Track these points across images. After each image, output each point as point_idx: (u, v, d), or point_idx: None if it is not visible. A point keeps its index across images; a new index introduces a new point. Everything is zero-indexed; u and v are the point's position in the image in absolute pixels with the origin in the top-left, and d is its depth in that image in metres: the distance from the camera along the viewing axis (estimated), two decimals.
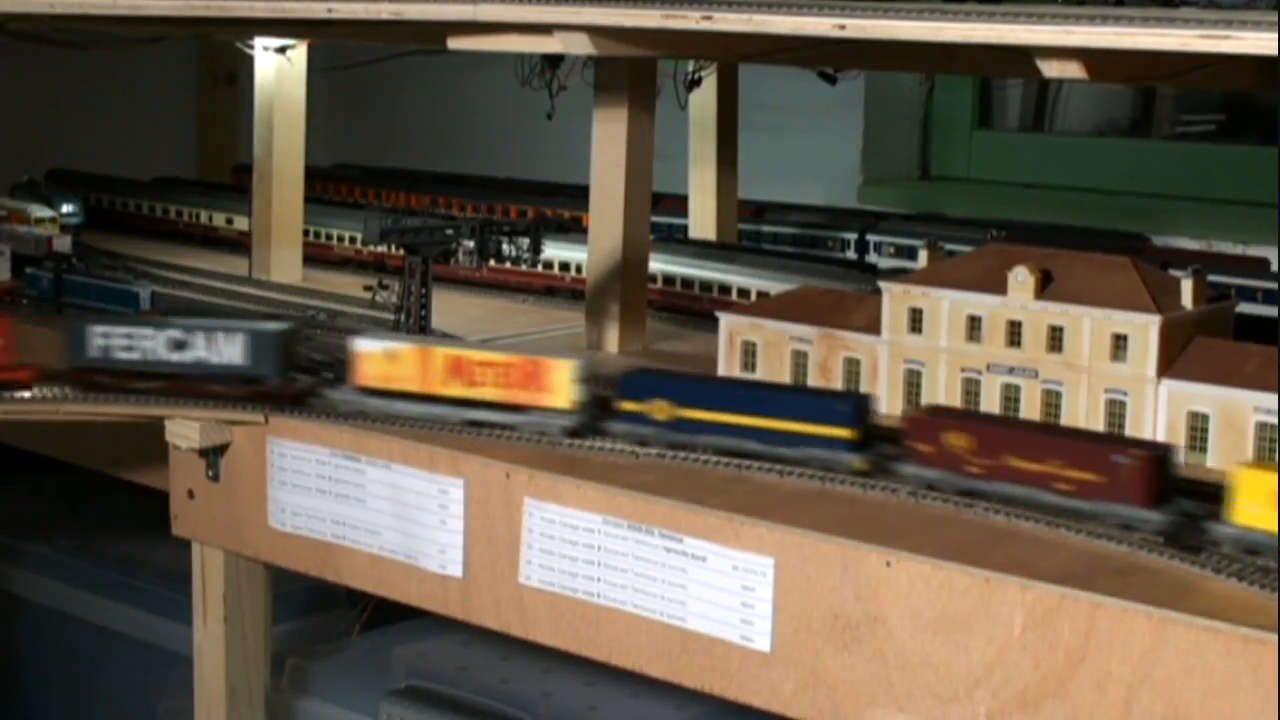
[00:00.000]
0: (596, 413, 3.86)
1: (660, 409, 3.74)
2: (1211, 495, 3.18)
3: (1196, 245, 6.54)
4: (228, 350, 4.03)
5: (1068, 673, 2.91)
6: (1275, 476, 3.01)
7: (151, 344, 4.05)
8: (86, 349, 4.07)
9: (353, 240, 6.08)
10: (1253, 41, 2.87)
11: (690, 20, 3.51)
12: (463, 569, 3.71)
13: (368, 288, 4.51)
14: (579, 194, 5.19)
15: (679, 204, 5.99)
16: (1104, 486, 3.24)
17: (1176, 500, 3.24)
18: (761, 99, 6.57)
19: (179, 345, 4.04)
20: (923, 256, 4.17)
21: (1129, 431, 3.73)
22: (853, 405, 3.65)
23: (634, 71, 4.76)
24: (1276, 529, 2.97)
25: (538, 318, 5.33)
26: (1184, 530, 3.15)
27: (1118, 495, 3.23)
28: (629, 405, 3.79)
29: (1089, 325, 3.78)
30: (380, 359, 3.95)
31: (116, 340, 4.06)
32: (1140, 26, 2.99)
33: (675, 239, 5.75)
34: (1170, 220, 6.88)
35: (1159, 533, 3.16)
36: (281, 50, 5.70)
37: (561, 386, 3.83)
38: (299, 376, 4.10)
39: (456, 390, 3.88)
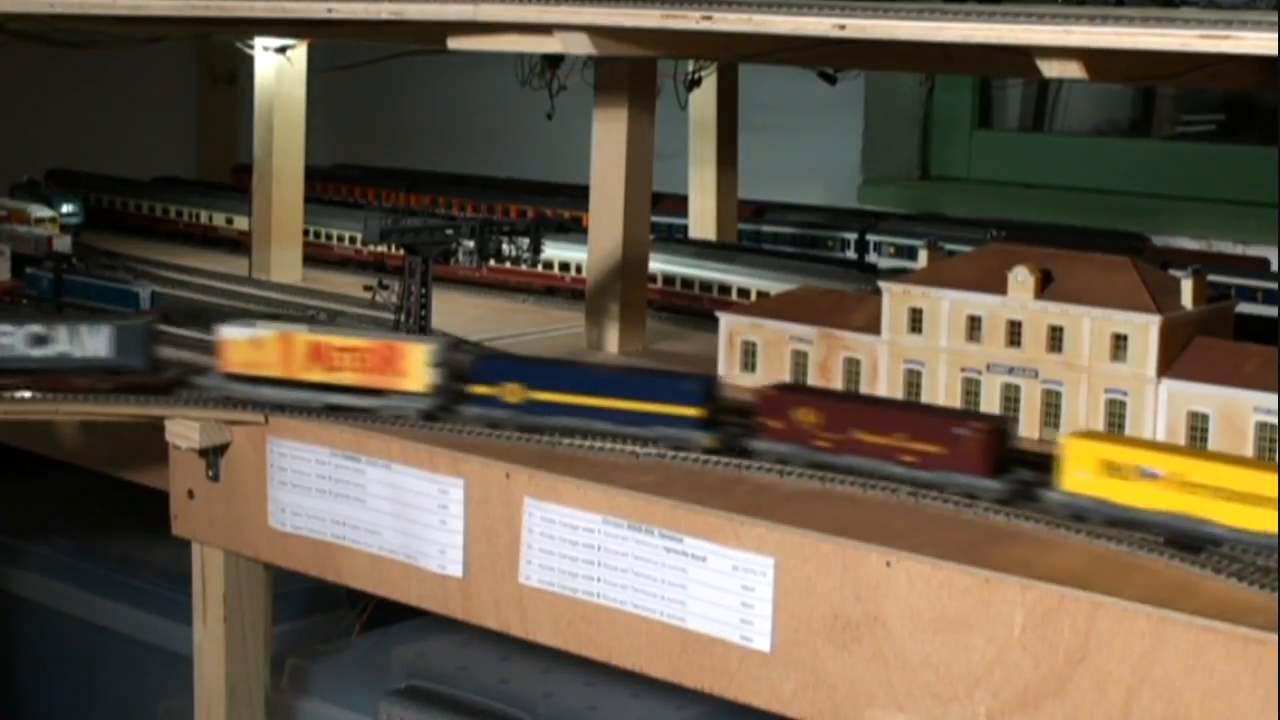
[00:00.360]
0: (452, 396, 3.93)
1: (512, 392, 3.84)
2: (1046, 465, 3.33)
3: (1196, 245, 6.54)
4: (91, 343, 4.06)
5: (1068, 673, 2.91)
6: (1100, 445, 3.23)
7: (10, 340, 4.07)
8: None
9: (353, 240, 6.08)
10: (1253, 41, 2.87)
11: (690, 20, 3.51)
12: (463, 569, 3.71)
13: (368, 288, 4.50)
14: (579, 194, 5.19)
15: (679, 204, 5.99)
16: (946, 457, 3.40)
17: (1015, 470, 3.39)
18: (761, 99, 6.57)
19: (40, 340, 4.06)
20: (923, 256, 4.17)
21: (1129, 433, 3.73)
22: (701, 385, 3.75)
23: (634, 71, 4.76)
24: (1103, 495, 3.18)
25: (538, 318, 5.33)
26: (1020, 497, 3.32)
27: (959, 465, 3.39)
28: (481, 389, 3.89)
29: (1089, 325, 3.78)
30: (245, 346, 4.04)
31: None
32: (1140, 26, 2.99)
33: (675, 239, 5.75)
34: (1170, 220, 6.89)
35: (997, 500, 3.31)
36: (281, 50, 5.70)
37: (417, 370, 3.92)
38: (166, 366, 4.16)
39: (317, 375, 3.98)
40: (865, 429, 3.52)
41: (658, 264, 5.15)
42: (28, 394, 4.04)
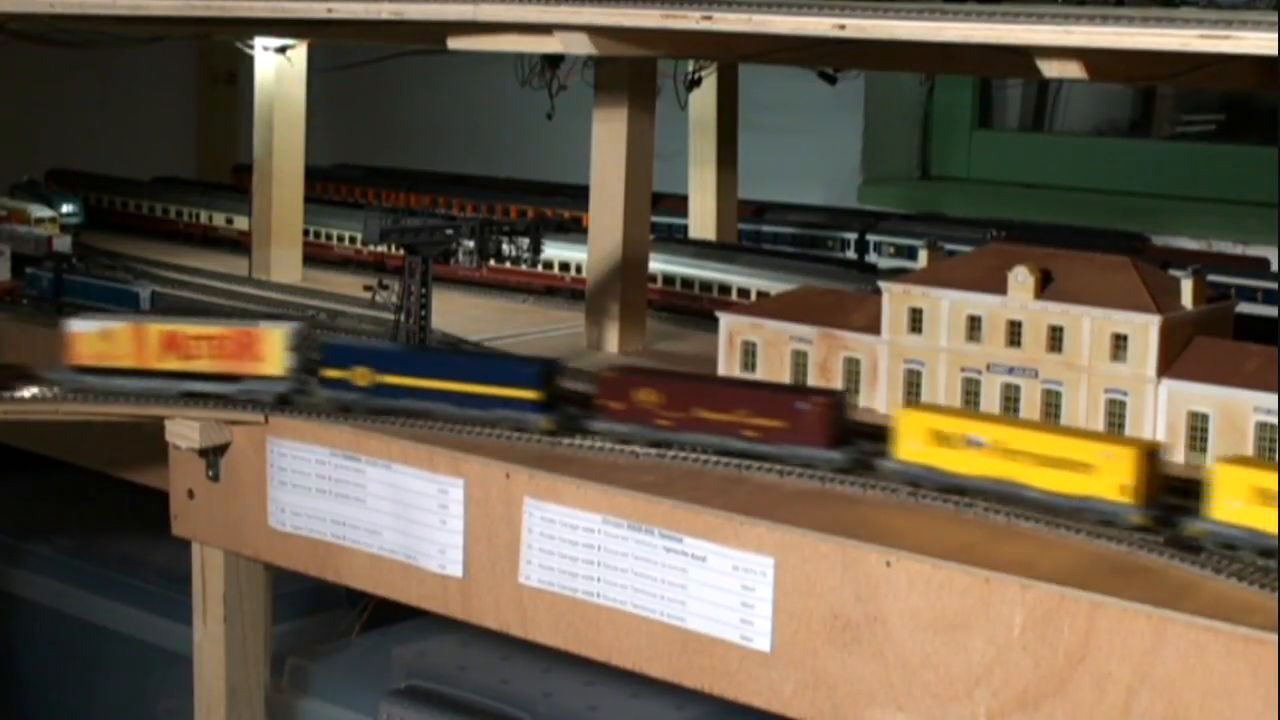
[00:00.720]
0: (306, 379, 4.03)
1: (361, 375, 3.96)
2: (883, 436, 3.52)
3: (1196, 245, 6.54)
4: None
5: (1068, 673, 2.92)
6: (930, 416, 3.45)
7: None
8: None
9: (353, 240, 6.08)
10: (1253, 41, 2.87)
11: (690, 20, 3.51)
12: (463, 569, 3.71)
13: (368, 288, 4.50)
14: (579, 194, 5.19)
15: (679, 204, 5.99)
16: (788, 431, 3.56)
17: (854, 442, 3.57)
18: (761, 99, 6.57)
19: None
20: (923, 256, 4.17)
21: (1129, 432, 3.73)
22: (539, 369, 3.89)
23: (634, 71, 4.76)
24: (933, 463, 3.39)
25: (538, 318, 5.33)
26: (858, 466, 3.51)
27: (801, 439, 3.55)
28: (332, 372, 4.00)
29: (1089, 325, 3.78)
30: (95, 338, 4.08)
31: None
32: (1140, 26, 2.99)
33: (675, 239, 5.75)
34: (1170, 220, 6.89)
35: (837, 470, 3.50)
36: (281, 50, 5.70)
37: (274, 355, 4.01)
38: (7, 365, 4.20)
39: (172, 364, 4.03)
40: (707, 407, 3.66)
41: (658, 264, 5.15)
42: (28, 394, 4.04)
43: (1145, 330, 3.71)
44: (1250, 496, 3.06)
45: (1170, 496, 3.28)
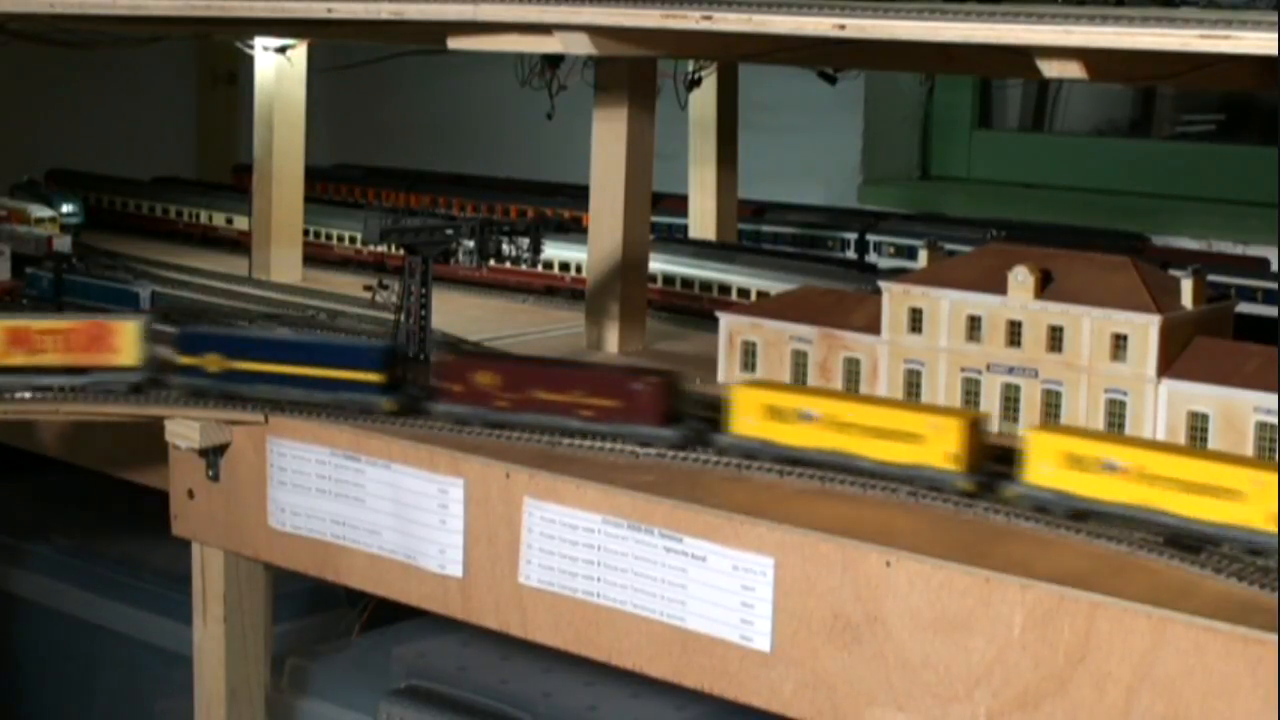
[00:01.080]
0: (159, 368, 4.08)
1: (212, 362, 4.04)
2: (717, 414, 3.68)
3: (1196, 245, 6.55)
4: None
5: (1068, 673, 2.92)
6: (764, 393, 3.62)
7: None
8: None
9: (353, 240, 6.08)
10: (1253, 41, 2.87)
11: (690, 20, 3.51)
12: (462, 569, 3.71)
13: (368, 288, 4.50)
14: (579, 194, 5.19)
15: (679, 204, 5.99)
16: (623, 411, 3.70)
17: (687, 420, 3.71)
18: (761, 99, 6.57)
19: None
20: (923, 256, 4.17)
21: (1129, 432, 3.73)
22: (382, 352, 4.02)
23: (634, 71, 4.75)
24: (768, 436, 3.55)
25: (538, 318, 5.33)
26: (693, 442, 3.65)
27: (635, 418, 3.69)
28: (185, 359, 4.08)
29: (1089, 325, 3.78)
30: None
31: None
32: (1140, 26, 2.99)
33: (675, 239, 5.75)
34: (1170, 220, 6.89)
35: (671, 445, 3.63)
36: (281, 50, 5.70)
37: (127, 346, 4.06)
38: None
39: (19, 359, 4.05)
40: (543, 388, 3.79)
41: (658, 264, 5.15)
42: (28, 394, 4.04)
43: (1145, 330, 3.71)
44: (1060, 461, 3.26)
45: (993, 464, 3.45)
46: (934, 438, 3.41)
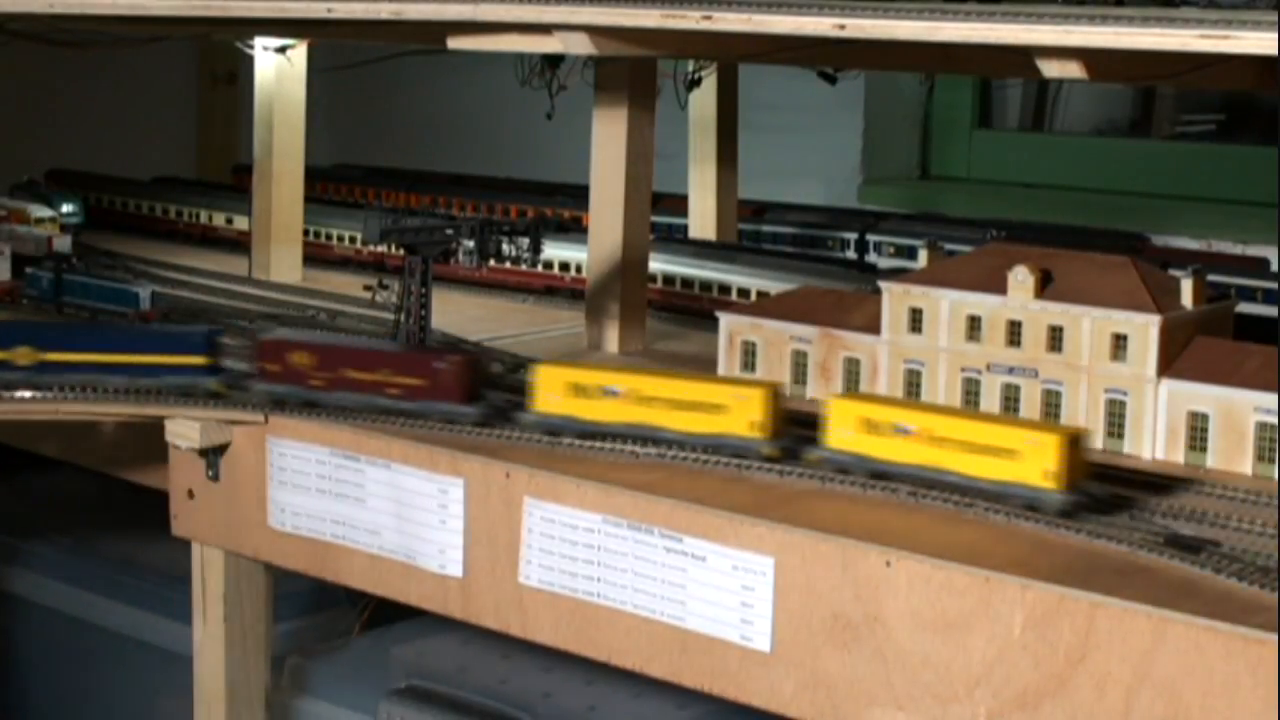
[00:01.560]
0: None
1: (23, 355, 4.07)
2: (519, 393, 3.91)
3: (1196, 245, 6.54)
4: None
5: (1068, 673, 2.91)
6: (565, 371, 3.78)
7: None
8: None
9: (353, 240, 6.08)
10: (1253, 41, 2.87)
11: (690, 20, 3.51)
12: (462, 569, 3.71)
13: (368, 288, 4.50)
14: (579, 194, 5.19)
15: (679, 204, 5.99)
16: (427, 389, 3.86)
17: (488, 396, 3.91)
18: (761, 99, 6.58)
19: None
20: (923, 256, 4.17)
21: (1129, 432, 3.73)
22: (205, 335, 4.17)
23: (634, 71, 4.75)
24: (567, 411, 3.73)
25: (538, 318, 5.33)
26: (495, 418, 3.84)
27: (439, 395, 3.86)
28: None
29: (1089, 325, 3.78)
30: None
31: None
32: (1140, 26, 2.99)
33: (675, 239, 5.75)
34: (1170, 220, 6.89)
35: (475, 423, 3.82)
36: (281, 50, 5.70)
37: None
38: None
39: None
40: (354, 368, 3.94)
41: (658, 264, 5.15)
42: (28, 394, 4.04)
43: (1145, 330, 3.71)
44: (858, 426, 3.46)
45: (795, 430, 3.66)
46: (737, 408, 3.59)
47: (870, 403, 3.57)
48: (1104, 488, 3.37)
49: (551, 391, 3.76)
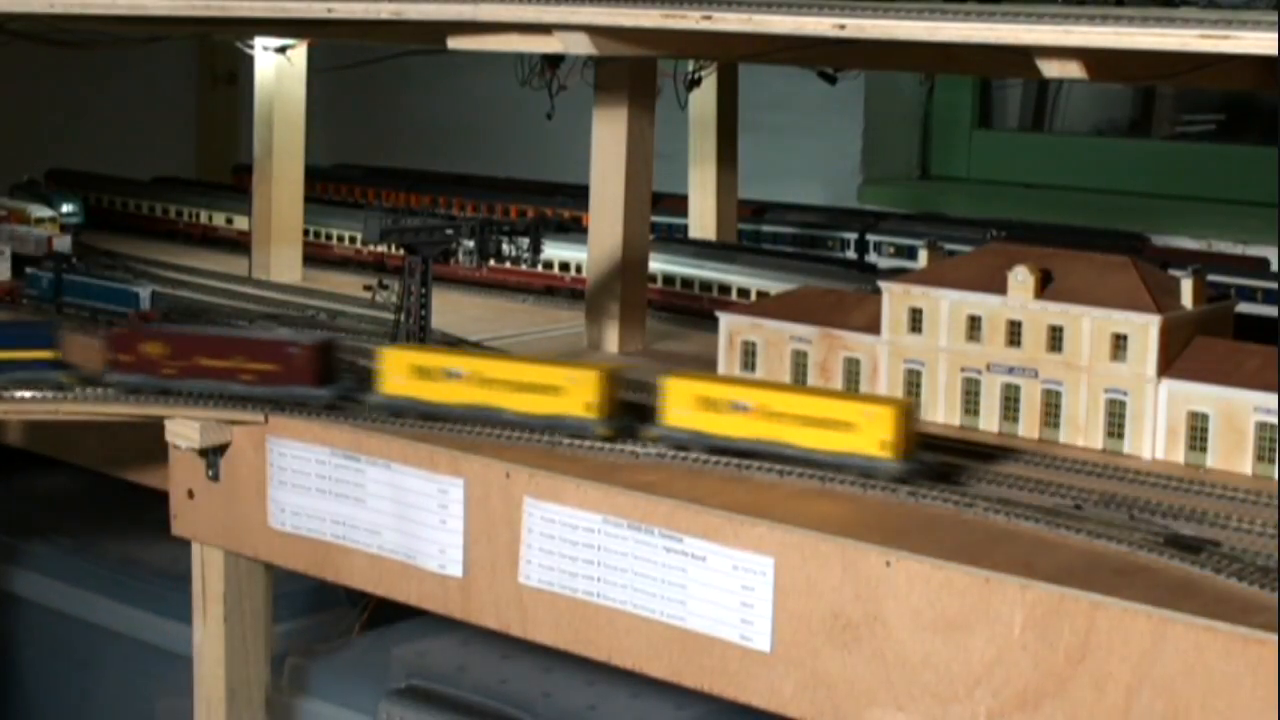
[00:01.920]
0: None
1: None
2: (366, 377, 4.01)
3: (1196, 245, 6.55)
4: None
5: (1068, 673, 2.91)
6: (411, 354, 3.91)
7: None
8: None
9: (353, 240, 6.08)
10: (1253, 41, 2.87)
11: (690, 20, 3.51)
12: (462, 569, 3.71)
13: (368, 287, 4.51)
14: (579, 194, 5.19)
15: (679, 204, 5.99)
16: (281, 374, 3.96)
17: (340, 380, 4.03)
18: (761, 99, 6.58)
19: None
20: (923, 256, 4.17)
21: (1129, 432, 3.73)
22: (49, 329, 4.24)
23: (634, 71, 4.76)
24: (416, 394, 3.85)
25: (538, 318, 5.33)
26: (345, 400, 3.96)
27: (293, 379, 3.96)
28: None
29: (1089, 325, 3.78)
30: None
31: None
32: (1140, 26, 2.99)
33: (675, 239, 5.75)
34: (1170, 220, 6.89)
35: (326, 405, 3.94)
36: (281, 50, 5.70)
37: None
38: None
39: None
40: (207, 355, 4.01)
41: (658, 264, 5.15)
42: (28, 394, 4.04)
43: (1145, 330, 3.71)
44: (694, 404, 3.61)
45: (630, 411, 3.81)
46: (573, 390, 3.73)
47: (706, 381, 3.70)
48: (935, 456, 3.54)
49: (396, 374, 3.88)
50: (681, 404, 3.63)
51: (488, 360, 3.95)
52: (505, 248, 4.33)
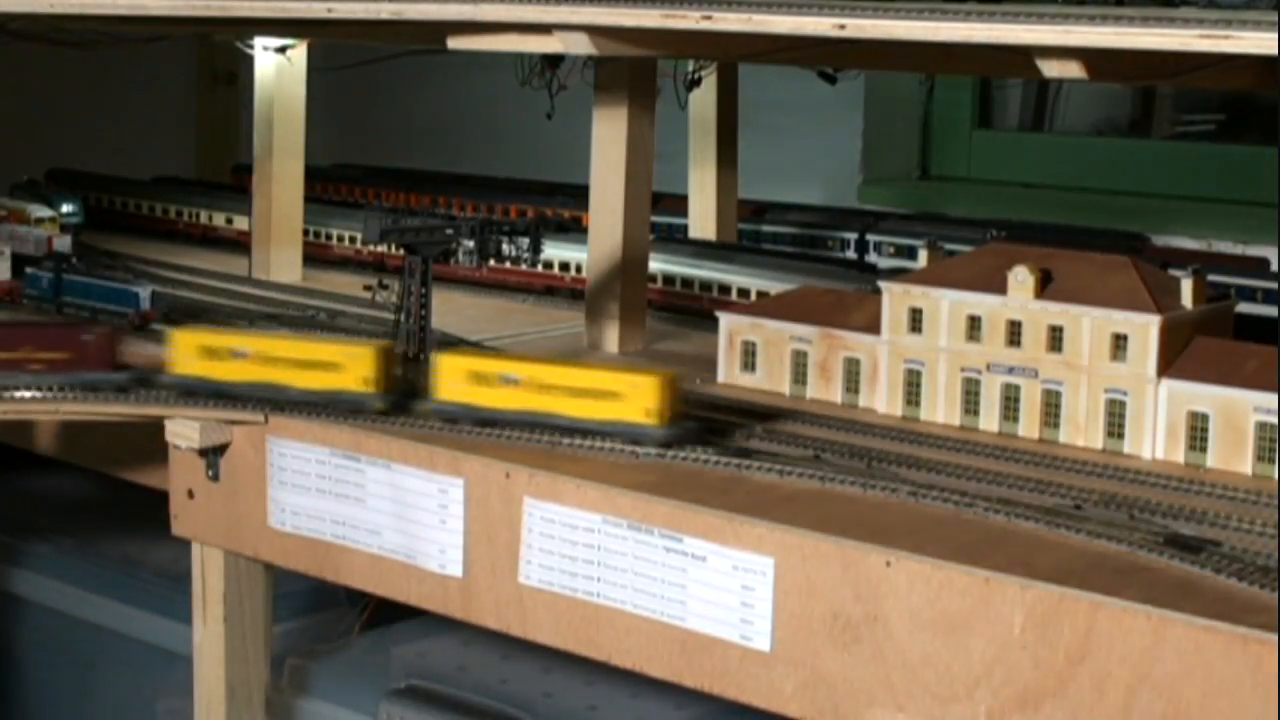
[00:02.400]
0: None
1: None
2: (159, 360, 4.15)
3: (1196, 245, 6.55)
4: None
5: (1068, 673, 2.92)
6: (199, 336, 4.08)
7: None
8: None
9: (353, 240, 6.08)
10: (1253, 41, 2.87)
11: (690, 20, 3.51)
12: (463, 569, 3.71)
13: (368, 287, 4.51)
14: (579, 194, 5.19)
15: (679, 204, 5.99)
16: (74, 361, 4.07)
17: (133, 368, 4.15)
18: (761, 99, 6.58)
19: None
20: (923, 256, 4.17)
21: (1129, 432, 3.73)
22: None
23: (634, 71, 4.75)
24: (203, 374, 4.03)
25: (538, 318, 5.33)
26: (136, 384, 4.09)
27: (87, 366, 4.07)
28: None
29: (1089, 325, 3.78)
30: None
31: None
32: (1140, 26, 2.99)
33: (675, 239, 5.75)
34: (1170, 220, 6.89)
35: (118, 388, 4.06)
36: (281, 50, 5.70)
37: None
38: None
39: None
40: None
41: (658, 264, 5.15)
42: (28, 394, 4.04)
43: (1145, 330, 3.71)
44: (466, 379, 3.80)
45: (408, 387, 4.03)
46: (351, 366, 3.93)
47: (478, 357, 3.98)
48: (699, 423, 3.77)
49: (187, 355, 4.05)
50: (453, 379, 3.82)
51: (270, 340, 4.14)
52: (505, 248, 4.33)
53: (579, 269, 5.39)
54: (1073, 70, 3.22)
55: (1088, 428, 3.78)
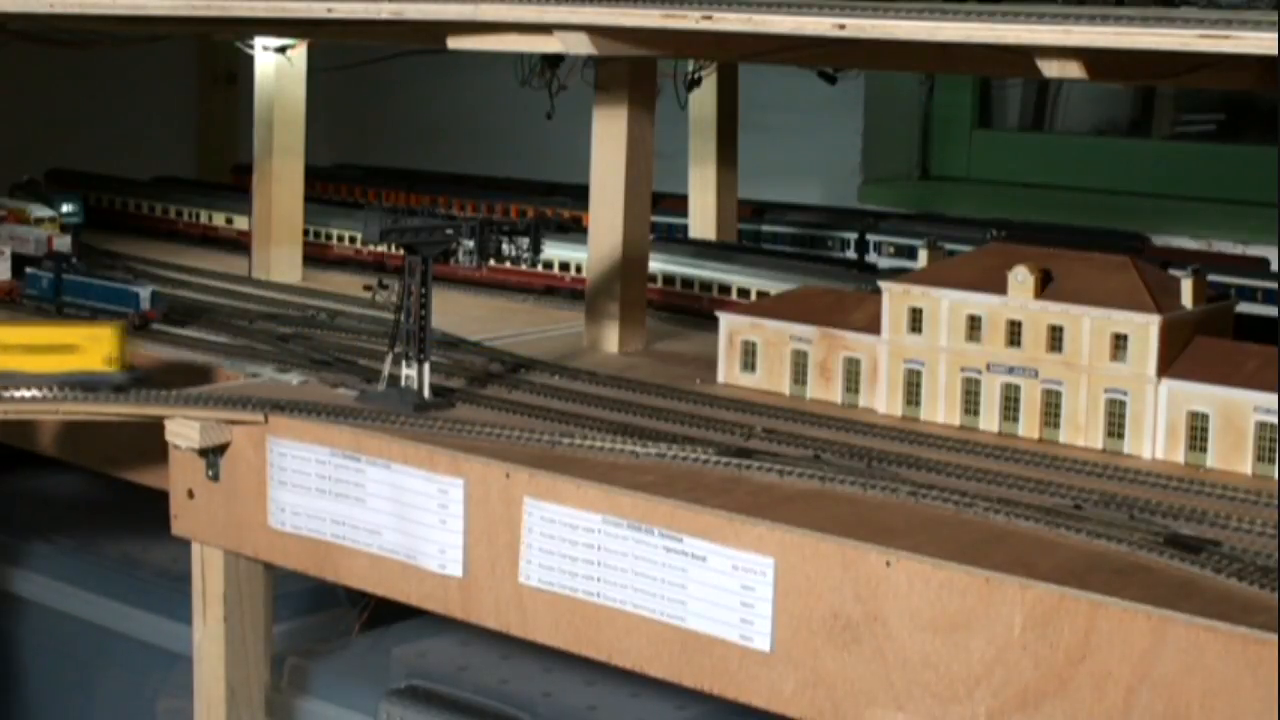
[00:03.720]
0: None
1: None
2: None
3: (1196, 245, 6.55)
4: None
5: (1068, 673, 2.92)
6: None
7: None
8: None
9: (353, 240, 6.08)
10: (1253, 41, 2.87)
11: (690, 20, 3.51)
12: (463, 569, 3.71)
13: (368, 287, 4.50)
14: (579, 194, 5.19)
15: (679, 204, 5.99)
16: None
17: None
18: (761, 99, 6.58)
19: None
20: (923, 256, 4.17)
21: (1129, 432, 3.73)
22: None
23: (634, 71, 4.75)
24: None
25: (538, 318, 5.33)
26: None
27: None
28: None
29: (1089, 325, 3.78)
30: None
31: None
32: (1140, 26, 2.99)
33: (675, 239, 5.75)
34: (1170, 220, 6.89)
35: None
36: (281, 50, 5.70)
37: None
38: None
39: None
40: None
41: (658, 264, 5.15)
42: (28, 394, 4.04)
43: (1145, 330, 3.71)
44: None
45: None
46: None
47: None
48: (145, 370, 4.18)
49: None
50: None
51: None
52: (505, 248, 4.33)
53: (579, 269, 5.39)
54: (1073, 70, 3.22)
55: (1088, 428, 3.78)
